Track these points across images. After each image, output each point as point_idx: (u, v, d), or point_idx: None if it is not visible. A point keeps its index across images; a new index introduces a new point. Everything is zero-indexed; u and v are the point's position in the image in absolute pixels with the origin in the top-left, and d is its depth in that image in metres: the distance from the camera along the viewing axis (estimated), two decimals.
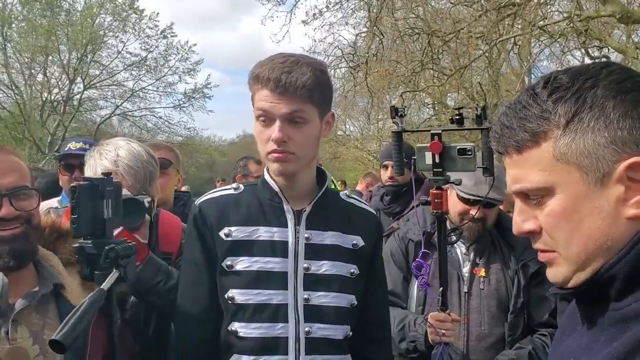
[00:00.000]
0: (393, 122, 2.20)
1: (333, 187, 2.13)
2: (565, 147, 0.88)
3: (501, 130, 0.95)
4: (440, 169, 2.05)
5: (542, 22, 10.47)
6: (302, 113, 1.61)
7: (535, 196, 0.92)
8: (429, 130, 2.10)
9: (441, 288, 2.14)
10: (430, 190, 2.09)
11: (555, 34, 10.48)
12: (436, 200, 2.06)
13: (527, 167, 0.92)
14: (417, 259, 2.33)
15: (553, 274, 0.96)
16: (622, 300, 0.88)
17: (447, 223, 2.43)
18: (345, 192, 1.88)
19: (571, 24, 9.35)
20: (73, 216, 1.44)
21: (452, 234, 2.40)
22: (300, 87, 1.57)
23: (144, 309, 2.02)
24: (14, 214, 1.50)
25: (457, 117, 2.10)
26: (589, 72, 0.90)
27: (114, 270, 1.43)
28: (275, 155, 1.61)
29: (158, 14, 23.95)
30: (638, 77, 0.91)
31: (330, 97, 1.71)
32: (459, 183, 2.20)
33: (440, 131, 2.07)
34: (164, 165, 2.75)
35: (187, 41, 23.59)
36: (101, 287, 1.36)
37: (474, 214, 2.34)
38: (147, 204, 1.86)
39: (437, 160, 2.04)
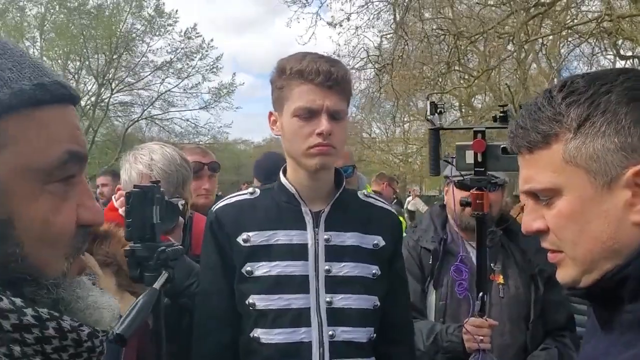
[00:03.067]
0: (428, 120, 2.14)
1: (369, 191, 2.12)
2: (575, 150, 0.89)
3: (516, 130, 0.97)
4: (482, 169, 1.97)
5: (570, 22, 10.33)
6: (343, 109, 1.63)
7: (545, 197, 0.94)
8: (471, 128, 2.03)
9: (480, 293, 2.05)
10: (471, 191, 2.02)
11: (585, 34, 10.32)
12: (477, 201, 1.99)
13: (538, 168, 0.94)
14: (457, 263, 2.28)
15: (562, 275, 0.97)
16: (636, 303, 0.88)
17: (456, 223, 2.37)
18: (363, 191, 1.86)
19: (601, 24, 9.20)
20: (127, 220, 1.49)
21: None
22: (347, 82, 1.61)
23: (176, 311, 2.05)
24: None
25: (502, 114, 2.00)
26: (606, 77, 0.91)
27: (164, 272, 1.47)
28: (320, 148, 1.60)
29: (177, 10, 24.20)
30: None
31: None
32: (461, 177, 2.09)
33: (484, 129, 2.00)
34: (215, 168, 2.81)
35: (204, 39, 23.80)
36: (153, 286, 1.40)
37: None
38: (181, 207, 1.88)
39: (479, 159, 1.96)
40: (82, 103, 23.11)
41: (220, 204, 1.77)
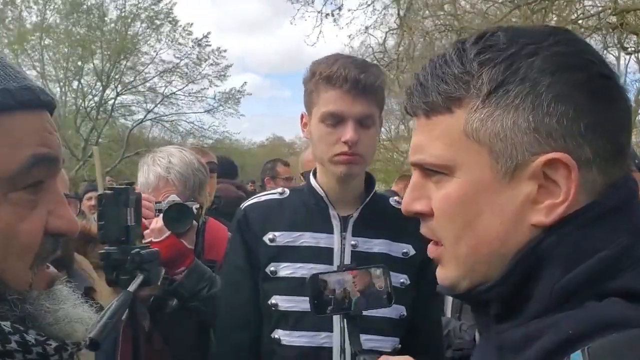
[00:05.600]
0: None
1: None
2: (479, 122, 0.71)
3: (414, 87, 0.78)
4: None
5: (574, 16, 10.26)
6: (372, 115, 1.60)
7: (435, 173, 0.76)
8: None
9: None
10: None
11: (589, 28, 10.24)
12: None
13: (432, 136, 0.76)
14: None
15: (441, 276, 0.80)
16: (501, 324, 0.74)
17: None
18: (395, 198, 1.83)
19: (606, 18, 9.13)
20: (100, 222, 1.49)
21: None
22: (376, 89, 1.57)
23: (183, 314, 2.03)
24: None
25: None
26: (534, 36, 0.73)
27: (139, 274, 1.45)
28: (345, 157, 1.59)
29: (192, 24, 24.27)
30: (591, 55, 0.74)
31: (384, 97, 1.71)
32: None
33: None
34: (212, 169, 2.81)
35: (219, 48, 23.90)
36: (127, 289, 1.39)
37: None
38: (195, 211, 1.90)
39: None
40: (85, 104, 23.26)
41: (250, 202, 1.77)
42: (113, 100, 23.51)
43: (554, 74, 0.70)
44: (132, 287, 1.41)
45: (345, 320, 1.26)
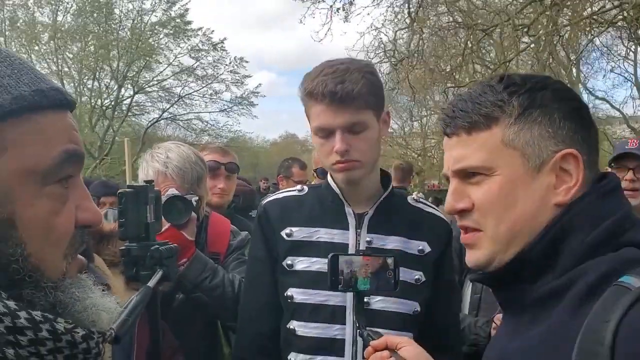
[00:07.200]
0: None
1: None
2: (514, 134, 0.99)
3: (455, 112, 1.04)
4: None
5: (589, 10, 10.14)
6: (361, 121, 1.61)
7: (475, 175, 1.01)
8: None
9: None
10: None
11: (604, 23, 10.12)
12: None
13: (474, 147, 1.01)
14: None
15: (475, 257, 1.02)
16: (536, 283, 0.96)
17: None
18: (412, 196, 1.85)
19: (621, 13, 9.01)
20: (121, 220, 1.51)
21: None
22: (356, 96, 1.57)
23: (190, 306, 2.08)
24: None
25: None
26: (538, 78, 1.04)
27: (158, 270, 1.48)
28: (341, 165, 1.63)
29: (213, 31, 24.47)
30: (573, 92, 1.07)
31: (383, 96, 1.71)
32: None
33: None
34: (233, 169, 2.84)
35: (242, 58, 24.05)
36: (147, 284, 1.42)
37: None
38: (194, 203, 1.93)
39: None
40: (100, 102, 23.44)
41: (269, 198, 1.84)
42: (130, 99, 23.69)
43: (560, 102, 1.01)
44: (152, 282, 1.44)
45: (354, 296, 1.47)
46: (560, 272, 0.94)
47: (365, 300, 1.63)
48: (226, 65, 23.66)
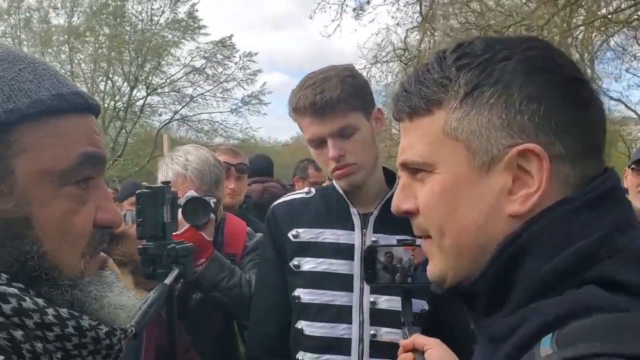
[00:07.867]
0: None
1: None
2: (457, 121, 0.76)
3: (399, 93, 0.84)
4: None
5: (604, 11, 10.06)
6: (349, 124, 1.64)
7: (419, 171, 0.81)
8: None
9: None
10: None
11: (619, 23, 10.04)
12: None
13: (415, 137, 0.81)
14: None
15: (430, 270, 0.84)
16: (489, 316, 0.77)
17: None
18: None
19: (637, 12, 8.94)
20: (139, 219, 1.55)
21: None
22: (336, 102, 1.60)
23: (208, 306, 2.11)
24: None
25: None
26: (508, 42, 0.78)
27: (175, 268, 1.51)
28: (338, 172, 1.66)
29: (232, 35, 24.59)
30: (562, 59, 0.79)
31: (369, 94, 1.73)
32: None
33: None
34: (243, 170, 2.90)
35: (250, 52, 24.10)
36: (164, 282, 1.45)
37: None
38: (212, 205, 1.97)
39: None
40: (113, 104, 23.63)
41: (279, 201, 1.88)
42: (143, 101, 23.85)
43: (527, 76, 0.74)
44: (168, 280, 1.48)
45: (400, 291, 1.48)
46: (511, 308, 0.73)
47: (372, 299, 1.66)
48: (236, 62, 23.74)
